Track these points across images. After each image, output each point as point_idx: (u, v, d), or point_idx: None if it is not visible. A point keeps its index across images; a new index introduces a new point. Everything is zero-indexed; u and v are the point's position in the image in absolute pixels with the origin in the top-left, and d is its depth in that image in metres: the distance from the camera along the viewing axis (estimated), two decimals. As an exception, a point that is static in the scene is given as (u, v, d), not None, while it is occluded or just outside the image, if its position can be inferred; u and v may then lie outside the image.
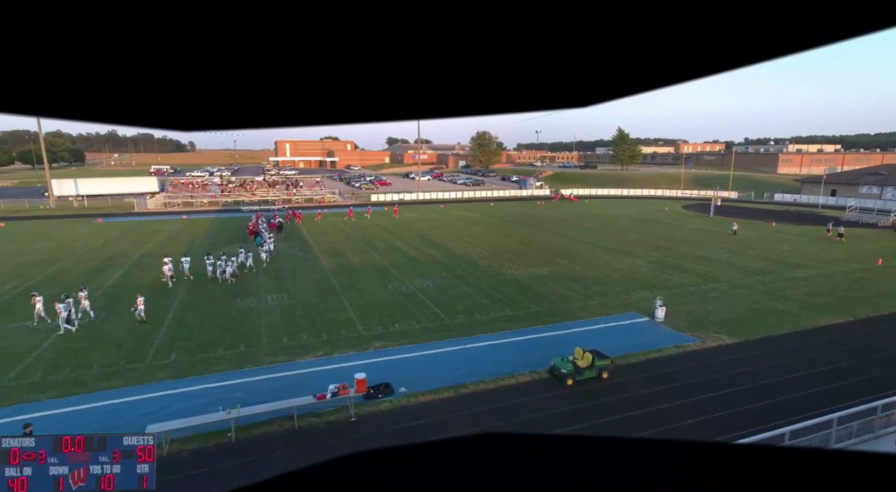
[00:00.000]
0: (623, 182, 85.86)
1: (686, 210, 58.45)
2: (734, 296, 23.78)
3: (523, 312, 21.40)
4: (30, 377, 14.97)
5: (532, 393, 14.57)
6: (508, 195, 74.02)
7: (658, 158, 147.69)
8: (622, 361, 16.51)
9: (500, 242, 37.20)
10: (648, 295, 23.34)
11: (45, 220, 47.01)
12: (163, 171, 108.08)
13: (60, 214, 51.13)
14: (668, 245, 36.05)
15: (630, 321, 20.45)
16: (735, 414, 13.48)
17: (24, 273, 26.83)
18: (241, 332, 18.76)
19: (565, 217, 51.32)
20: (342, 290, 24.25)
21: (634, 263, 30.42)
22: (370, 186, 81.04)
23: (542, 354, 16.63)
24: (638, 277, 27.14)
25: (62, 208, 54.74)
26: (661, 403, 14.05)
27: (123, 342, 17.61)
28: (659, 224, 46.74)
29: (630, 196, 75.45)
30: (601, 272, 28.04)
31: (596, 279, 26.55)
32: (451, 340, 18.28)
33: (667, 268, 29.16)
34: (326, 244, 35.79)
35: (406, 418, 13.27)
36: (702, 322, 20.22)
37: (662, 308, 20.38)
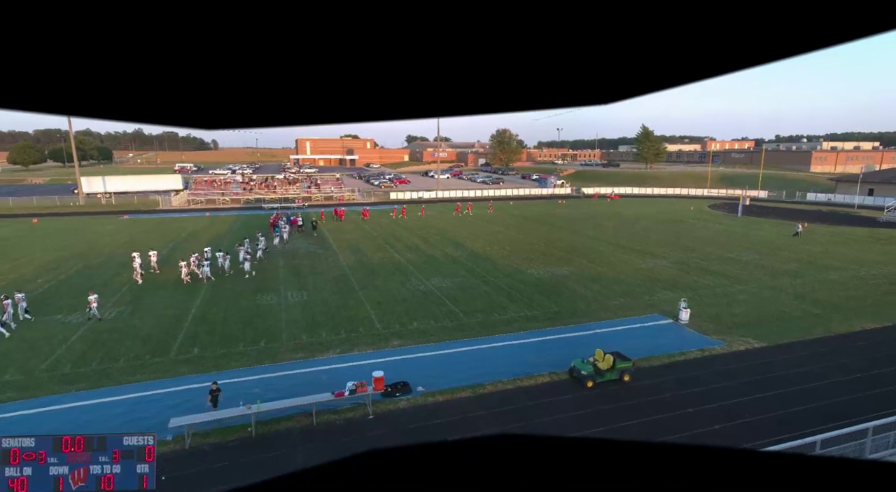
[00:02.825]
0: (647, 181, 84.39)
1: (713, 210, 57.16)
2: (762, 298, 23.17)
3: (542, 312, 21.26)
4: (61, 369, 15.56)
5: (551, 395, 14.46)
6: (528, 194, 73.54)
7: (684, 155, 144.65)
8: (644, 363, 16.26)
9: (520, 241, 37.01)
10: (672, 296, 22.93)
11: (75, 216, 48.73)
12: (187, 168, 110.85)
13: (89, 210, 52.92)
14: (693, 245, 35.33)
15: (653, 323, 20.12)
16: (763, 420, 13.13)
17: (58, 267, 27.86)
18: (262, 328, 19.12)
19: (586, 216, 50.73)
20: (361, 287, 24.48)
21: (658, 263, 29.90)
22: (389, 184, 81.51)
23: (561, 356, 16.50)
24: (661, 277, 26.67)
25: (91, 205, 56.65)
26: (686, 407, 13.79)
27: (149, 336, 18.14)
28: (684, 224, 45.84)
29: (654, 195, 74.15)
30: (623, 272, 27.65)
31: (617, 280, 26.19)
32: (469, 340, 18.28)
33: (692, 269, 28.57)
34: (345, 242, 36.17)
35: (423, 417, 13.33)
36: (728, 325, 19.77)
37: (687, 310, 19.99)
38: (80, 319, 19.78)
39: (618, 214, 52.18)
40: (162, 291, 23.52)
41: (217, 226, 43.36)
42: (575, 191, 75.53)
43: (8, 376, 14.97)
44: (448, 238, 37.81)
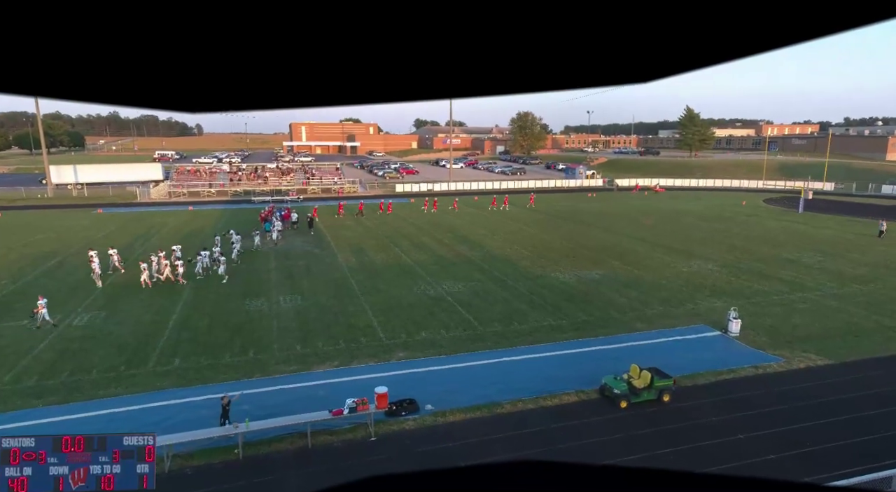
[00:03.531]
0: (691, 171, 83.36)
1: (769, 204, 56.35)
2: (828, 308, 22.77)
3: (569, 321, 21.16)
4: (25, 381, 15.90)
5: (578, 416, 14.39)
6: (554, 186, 73.22)
7: (735, 142, 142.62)
8: (687, 381, 16.09)
9: (543, 239, 36.88)
10: (720, 304, 22.67)
11: (42, 210, 49.73)
12: (167, 156, 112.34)
13: (59, 203, 53.97)
14: (745, 246, 34.86)
15: (697, 335, 19.92)
16: (829, 450, 12.91)
17: (23, 269, 28.45)
18: (251, 336, 19.33)
19: (620, 212, 50.35)
20: (362, 291, 24.61)
21: (703, 266, 29.57)
22: (395, 175, 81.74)
23: (590, 371, 16.41)
24: (707, 282, 26.38)
25: (61, 197, 57.75)
26: (736, 433, 13.63)
27: (125, 344, 18.45)
28: (734, 221, 45.27)
29: (699, 187, 73.29)
30: (662, 276, 27.40)
31: (656, 285, 25.96)
32: (485, 352, 18.26)
33: (743, 273, 28.20)
34: (345, 240, 36.39)
35: (432, 440, 13.35)
36: (786, 338, 19.48)
37: (737, 320, 19.74)
38: (47, 324, 20.16)
39: (657, 210, 51.69)
40: (139, 295, 23.89)
41: (200, 221, 43.90)
42: (607, 183, 74.95)
43: (-30, 388, 15.34)
44: (461, 236, 37.82)
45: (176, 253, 27.82)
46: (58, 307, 22.04)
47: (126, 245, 33.65)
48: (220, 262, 26.78)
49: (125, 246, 33.11)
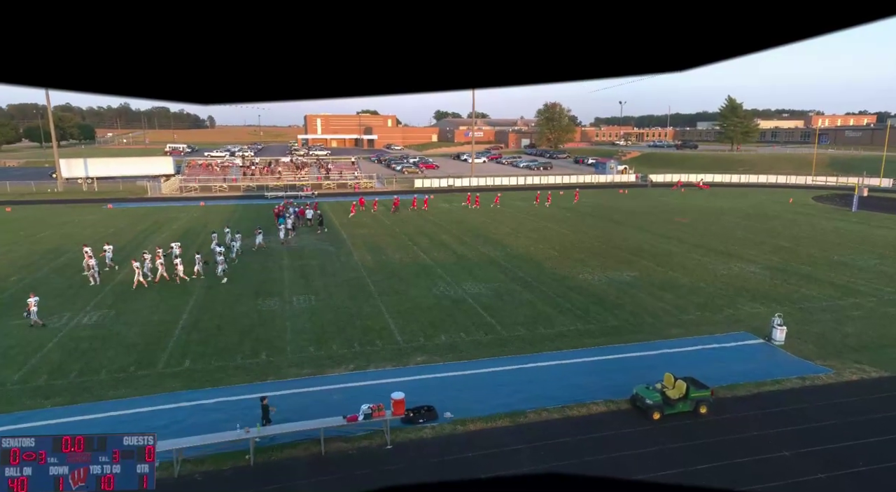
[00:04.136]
0: (732, 166, 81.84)
1: (818, 202, 55.02)
2: (884, 315, 22.14)
3: (598, 326, 20.98)
4: (34, 381, 16.40)
5: (607, 427, 14.26)
6: (583, 181, 72.59)
7: (781, 134, 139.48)
8: (727, 392, 15.83)
9: (571, 239, 36.62)
10: (763, 310, 22.23)
11: (52, 205, 51.23)
12: (179, 150, 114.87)
13: (69, 198, 55.53)
14: (792, 247, 34.11)
15: (738, 343, 19.57)
16: (882, 471, 12.55)
17: (32, 265, 29.35)
18: (263, 338, 19.61)
19: (654, 210, 49.70)
20: (379, 292, 24.76)
21: (745, 268, 29.02)
22: (414, 170, 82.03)
23: (621, 380, 16.25)
24: (749, 286, 25.88)
25: (71, 192, 59.39)
26: (780, 449, 13.34)
27: (134, 345, 18.90)
28: (780, 220, 44.32)
29: (741, 184, 71.92)
30: (700, 279, 26.97)
31: (693, 288, 25.57)
32: (508, 358, 18.22)
33: (790, 276, 27.58)
34: (361, 237, 36.66)
35: (451, 449, 13.38)
36: (837, 348, 19.00)
37: (782, 328, 19.33)
38: (56, 323, 20.78)
39: (695, 207, 50.88)
40: (149, 294, 24.44)
41: (211, 217, 44.69)
42: (640, 178, 74.00)
43: (-20, 387, 15.89)
44: (484, 235, 37.78)
45: (174, 250, 28.32)
46: (67, 305, 22.72)
47: (133, 242, 34.44)
48: (217, 262, 27.04)
49: (132, 243, 33.89)
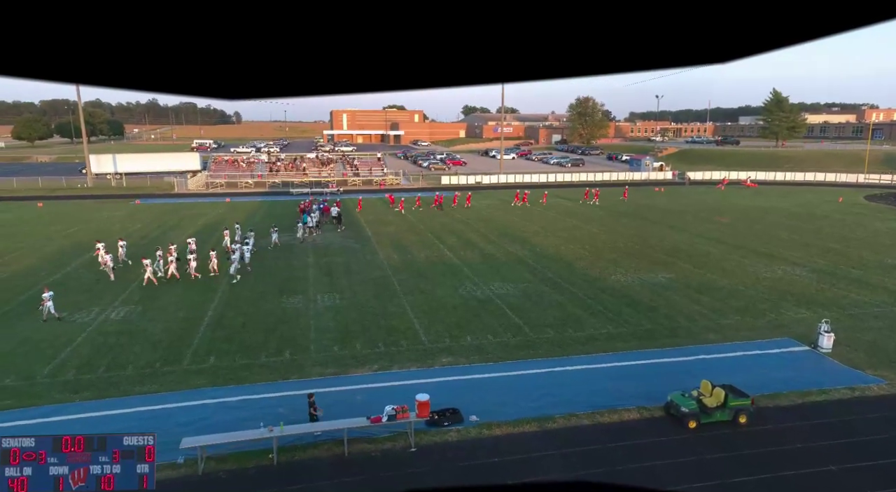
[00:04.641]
0: (776, 163, 79.62)
1: (871, 202, 53.19)
2: (939, 322, 21.28)
3: (631, 329, 20.69)
4: (63, 375, 17.00)
5: (640, 435, 14.06)
6: (616, 179, 71.60)
7: (831, 129, 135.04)
8: (768, 401, 15.45)
9: (603, 238, 36.19)
10: (809, 316, 21.63)
11: (82, 200, 52.97)
12: (205, 146, 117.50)
13: (98, 193, 57.33)
14: (841, 249, 33.05)
15: (781, 350, 19.08)
16: (934, 487, 12.07)
17: (62, 259, 30.41)
18: (287, 336, 19.93)
19: (692, 208, 48.74)
20: (404, 291, 24.90)
21: (790, 271, 28.24)
22: (440, 166, 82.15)
23: (655, 386, 16.00)
24: (794, 290, 25.19)
25: (100, 188, 61.33)
26: (827, 463, 12.96)
27: (160, 341, 19.42)
28: (828, 220, 42.99)
29: (786, 181, 69.95)
30: (741, 282, 26.35)
31: (733, 291, 25.01)
32: (537, 361, 18.13)
33: (838, 280, 26.73)
34: (386, 235, 36.91)
35: (477, 454, 13.37)
36: (891, 357, 18.38)
37: (830, 335, 18.76)
38: (85, 318, 21.49)
39: (736, 207, 49.72)
40: (175, 290, 25.07)
41: (237, 213, 45.55)
42: (678, 176, 72.64)
43: (8, 381, 16.55)
44: (512, 234, 37.65)
45: (191, 246, 28.95)
46: (95, 300, 23.48)
47: (159, 238, 35.33)
48: (231, 259, 27.23)
49: (158, 239, 34.78)
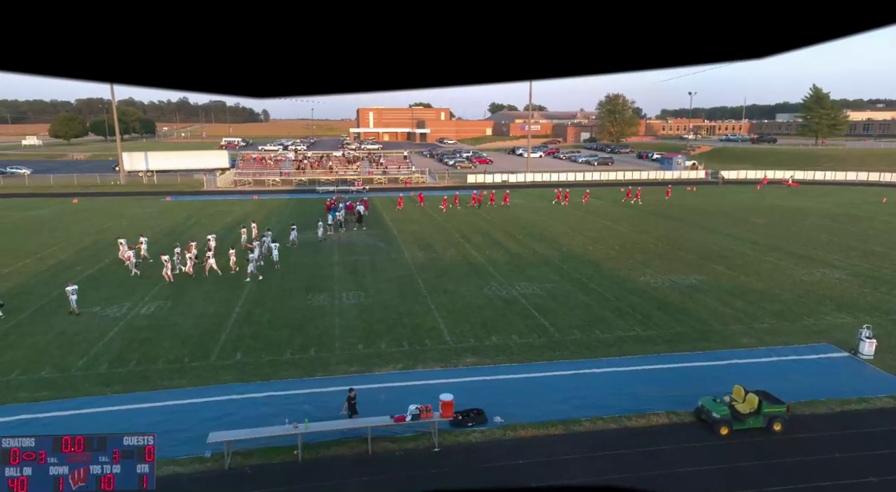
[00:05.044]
0: (816, 162, 77.47)
1: (915, 202, 51.30)
2: None
3: (660, 332, 20.38)
4: (96, 368, 17.52)
5: (669, 440, 13.85)
6: (646, 178, 70.56)
7: (874, 127, 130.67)
8: (805, 409, 15.06)
9: (632, 238, 35.72)
10: (849, 321, 21.03)
11: (115, 197, 54.51)
12: (234, 144, 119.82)
13: (130, 190, 58.94)
14: (884, 252, 32.00)
15: (819, 356, 18.59)
16: (982, 502, 11.61)
17: (96, 253, 31.33)
18: (313, 333, 20.18)
19: (725, 208, 47.75)
20: (429, 291, 24.96)
21: (829, 274, 27.44)
22: (466, 164, 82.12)
23: (685, 390, 15.74)
24: (833, 294, 24.47)
25: (132, 185, 63.06)
26: (867, 474, 12.59)
27: (189, 336, 19.86)
28: (871, 221, 41.64)
29: (826, 181, 67.95)
30: (776, 285, 25.71)
31: (768, 294, 24.41)
32: (562, 362, 18.00)
33: (881, 283, 25.88)
34: (411, 234, 37.05)
35: (501, 455, 13.34)
36: (933, 365, 17.70)
37: (871, 341, 18.18)
38: (117, 312, 22.12)
39: (773, 207, 48.54)
40: (203, 286, 25.61)
41: (265, 211, 46.30)
42: (711, 175, 71.20)
43: (44, 373, 17.14)
44: (538, 233, 37.43)
45: (210, 243, 29.50)
46: (127, 295, 24.13)
47: (190, 236, 36.12)
48: (249, 259, 27.28)
49: (185, 235, 35.56)
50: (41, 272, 27.67)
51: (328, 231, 36.63)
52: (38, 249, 32.38)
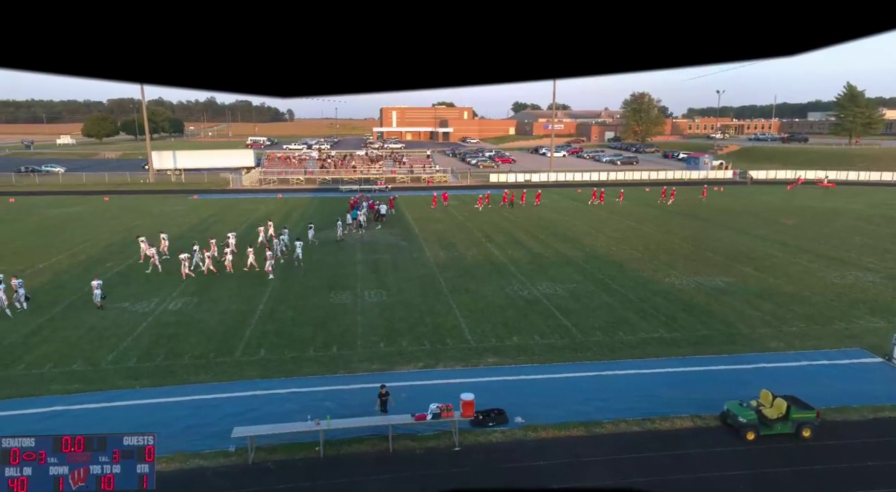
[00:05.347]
0: (849, 161, 75.55)
1: (954, 203, 49.62)
2: None
3: (685, 334, 20.08)
4: (125, 362, 17.95)
5: (694, 444, 13.64)
6: (672, 178, 69.55)
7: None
8: (836, 415, 14.69)
9: (657, 239, 35.24)
10: (884, 326, 20.48)
11: (144, 195, 55.76)
12: (259, 143, 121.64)
13: (159, 188, 60.23)
14: (919, 254, 30.99)
15: (851, 361, 18.12)
16: None
17: (125, 250, 32.08)
18: (335, 331, 20.36)
19: (754, 209, 46.81)
20: (450, 290, 24.98)
21: (863, 277, 26.71)
22: (489, 164, 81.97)
23: (710, 394, 15.48)
24: (867, 297, 23.82)
25: (160, 183, 64.41)
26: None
27: (214, 332, 20.21)
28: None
29: (860, 181, 66.17)
30: (807, 288, 25.12)
31: (798, 297, 23.86)
32: (585, 364, 17.86)
33: (915, 287, 25.09)
34: (434, 233, 37.12)
35: (521, 456, 13.30)
36: (972, 372, 17.11)
37: (905, 346, 17.64)
38: (146, 308, 22.61)
39: (804, 208, 47.44)
40: (228, 283, 26.03)
41: (288, 209, 46.86)
42: (739, 174, 69.89)
43: (76, 366, 17.61)
44: (561, 233, 37.18)
45: (230, 240, 29.98)
46: (155, 291, 24.65)
47: (216, 233, 36.73)
48: (267, 256, 27.43)
49: (216, 234, 36.16)
50: (73, 268, 28.43)
51: (348, 230, 36.85)
52: (71, 246, 33.29)
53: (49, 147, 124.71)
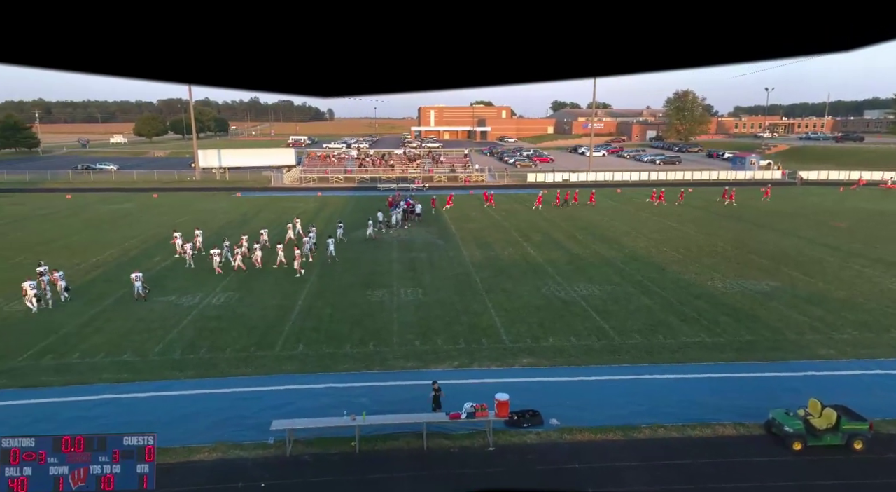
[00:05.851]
0: (907, 161, 71.77)
1: None
2: None
3: (729, 339, 19.50)
4: (171, 354, 18.58)
5: (736, 453, 13.24)
6: (717, 178, 67.62)
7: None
8: (892, 428, 14.04)
9: (700, 241, 34.33)
10: (942, 334, 19.36)
11: (190, 192, 57.61)
12: (300, 142, 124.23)
13: (204, 186, 62.12)
14: (984, 260, 29.28)
15: (906, 371, 17.24)
16: None
17: (172, 247, 33.18)
18: (371, 328, 20.59)
19: (803, 211, 45.09)
20: (486, 289, 24.93)
21: (919, 283, 25.39)
22: (527, 163, 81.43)
23: (754, 401, 14.99)
24: (924, 305, 22.63)
25: (206, 181, 66.45)
26: (954, 501, 11.58)
27: (255, 327, 20.72)
28: (969, 227, 38.23)
29: (919, 182, 62.85)
30: (859, 293, 24.05)
31: (850, 303, 22.87)
32: (622, 366, 17.57)
33: (979, 295, 23.72)
34: (470, 232, 37.10)
35: (557, 458, 13.17)
36: None
37: (967, 357, 16.70)
38: (190, 302, 23.36)
39: (857, 210, 45.44)
40: (268, 279, 26.63)
41: (328, 208, 47.61)
42: (788, 175, 67.40)
43: (125, 357, 18.33)
44: (600, 233, 36.64)
45: (263, 237, 30.62)
46: (199, 286, 25.43)
47: (256, 229, 37.65)
48: (296, 255, 27.75)
49: (256, 230, 37.07)
50: (124, 262, 29.58)
51: (379, 228, 37.00)
52: (122, 241, 34.67)
53: (103, 146, 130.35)
